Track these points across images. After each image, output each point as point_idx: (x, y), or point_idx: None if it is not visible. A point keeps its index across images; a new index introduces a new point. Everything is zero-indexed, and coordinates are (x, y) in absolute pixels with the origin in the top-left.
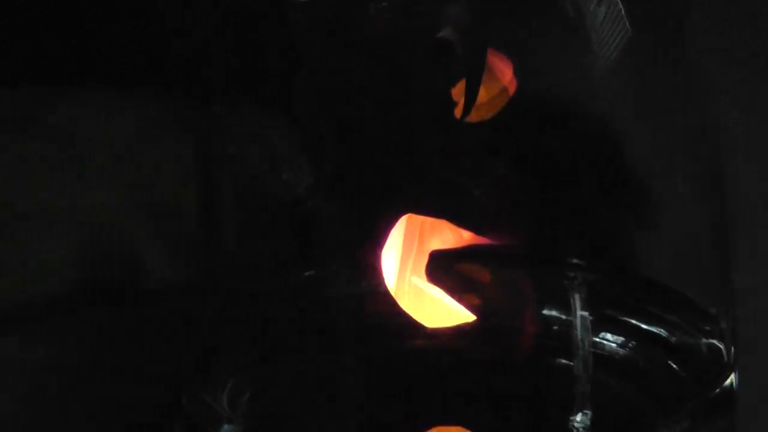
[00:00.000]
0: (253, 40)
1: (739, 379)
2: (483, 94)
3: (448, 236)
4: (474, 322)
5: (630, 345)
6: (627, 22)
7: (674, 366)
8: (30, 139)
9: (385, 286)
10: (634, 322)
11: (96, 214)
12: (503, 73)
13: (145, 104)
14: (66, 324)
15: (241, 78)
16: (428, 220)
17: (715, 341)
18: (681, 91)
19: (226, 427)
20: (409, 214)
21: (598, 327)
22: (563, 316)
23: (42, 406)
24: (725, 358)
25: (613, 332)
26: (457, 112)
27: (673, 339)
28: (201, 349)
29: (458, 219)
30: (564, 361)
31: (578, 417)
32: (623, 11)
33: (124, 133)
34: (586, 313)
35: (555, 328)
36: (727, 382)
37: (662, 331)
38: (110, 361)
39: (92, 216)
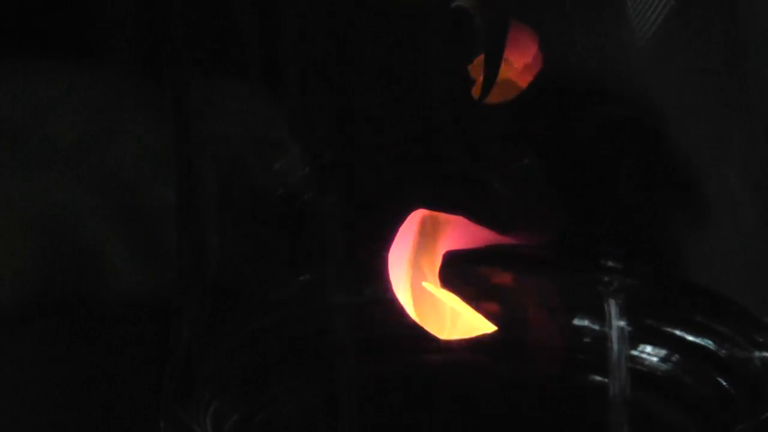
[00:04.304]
0: (236, 6)
1: None
2: (504, 72)
3: (465, 235)
4: (494, 333)
5: (673, 359)
6: None
7: (723, 383)
8: None
9: (393, 293)
10: (677, 333)
11: (51, 214)
12: (527, 47)
13: (106, 84)
14: (19, 339)
15: (221, 49)
16: (442, 217)
17: None
18: (732, 70)
19: None
20: (420, 210)
21: (636, 339)
22: (597, 327)
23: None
24: None
25: (653, 345)
26: (475, 92)
27: (723, 352)
28: (180, 367)
29: (476, 215)
30: (597, 378)
31: None
32: None
33: (81, 118)
34: (623, 323)
35: (587, 340)
36: None
37: (710, 343)
38: (73, 381)
39: (46, 217)
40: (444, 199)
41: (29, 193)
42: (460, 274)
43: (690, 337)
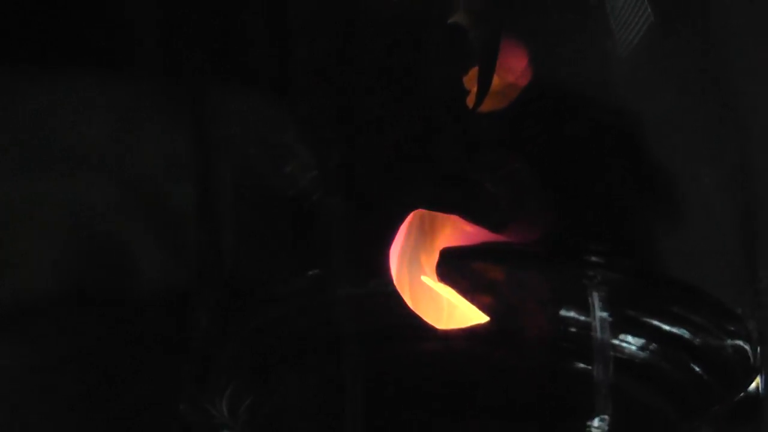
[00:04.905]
0: (250, 22)
1: (766, 382)
2: (497, 83)
3: (460, 233)
4: (487, 323)
5: (651, 347)
6: (649, 6)
7: (697, 369)
8: (3, 127)
9: (394, 287)
10: (655, 323)
11: (81, 210)
12: (518, 60)
13: (134, 91)
14: (51, 328)
15: (237, 62)
16: (439, 217)
17: (740, 342)
18: (706, 78)
19: None
20: (419, 210)
21: (618, 328)
22: (581, 317)
23: (25, 414)
24: (751, 361)
25: (633, 334)
26: (470, 101)
27: (697, 340)
28: (198, 354)
29: (471, 215)
30: (582, 364)
31: (596, 422)
32: None
33: (111, 123)
34: (605, 314)
35: (573, 329)
36: (753, 385)
37: (685, 333)
38: (101, 367)
39: (77, 212)
40: (441, 200)
41: (65, 192)
42: (456, 269)
43: (667, 327)
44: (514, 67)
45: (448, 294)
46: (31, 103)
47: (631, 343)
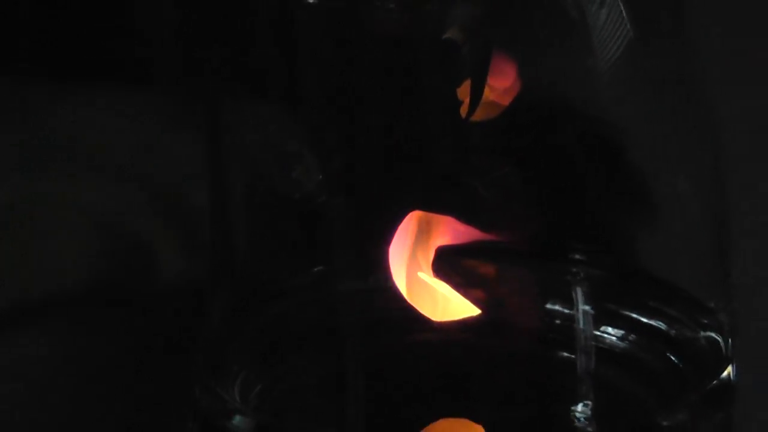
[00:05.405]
0: (260, 39)
1: (737, 371)
2: (488, 94)
3: (454, 233)
4: (479, 315)
5: (630, 338)
6: (628, 24)
7: (673, 358)
8: (32, 132)
9: (393, 282)
10: (634, 315)
11: (105, 210)
12: (507, 73)
13: (153, 102)
14: (73, 321)
15: (248, 76)
16: (435, 217)
17: (713, 334)
18: (683, 91)
19: (237, 418)
20: (416, 211)
21: (599, 321)
22: (566, 310)
23: (47, 404)
24: (723, 351)
25: (614, 326)
26: (463, 111)
27: (673, 332)
28: (212, 344)
29: (464, 216)
30: (566, 354)
31: (579, 408)
32: (624, 14)
33: (131, 130)
34: (588, 308)
35: (558, 321)
36: (725, 374)
37: (662, 325)
38: (120, 356)
39: (101, 212)
40: (437, 201)
41: (76, 193)
42: (451, 265)
43: (645, 319)
44: (503, 80)
45: (443, 288)
46: (47, 107)
47: (611, 334)
